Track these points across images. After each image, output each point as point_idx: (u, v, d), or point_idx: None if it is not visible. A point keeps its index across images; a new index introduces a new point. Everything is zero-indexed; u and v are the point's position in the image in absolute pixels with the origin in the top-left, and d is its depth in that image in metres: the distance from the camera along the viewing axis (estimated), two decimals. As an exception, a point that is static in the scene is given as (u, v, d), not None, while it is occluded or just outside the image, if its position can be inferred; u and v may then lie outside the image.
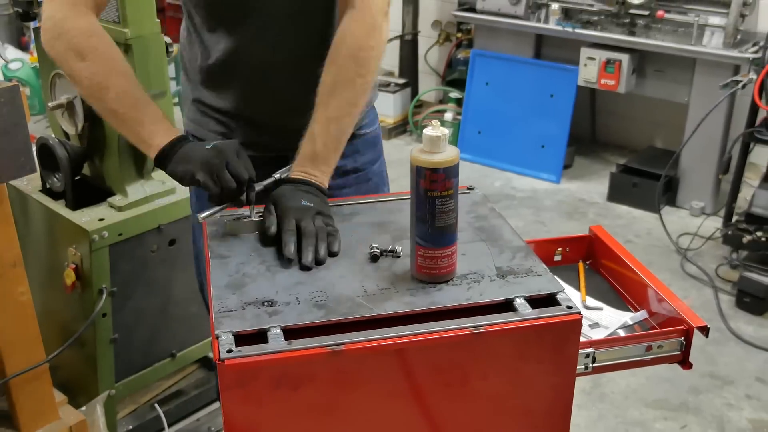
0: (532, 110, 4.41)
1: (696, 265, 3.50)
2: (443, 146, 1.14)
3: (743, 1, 3.64)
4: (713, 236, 3.64)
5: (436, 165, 1.13)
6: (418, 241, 1.18)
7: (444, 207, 1.15)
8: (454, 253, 1.20)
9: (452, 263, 1.20)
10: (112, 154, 2.20)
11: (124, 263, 2.21)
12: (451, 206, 1.16)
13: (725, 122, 3.82)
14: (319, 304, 1.13)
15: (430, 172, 1.13)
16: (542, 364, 1.15)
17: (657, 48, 3.86)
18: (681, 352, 1.28)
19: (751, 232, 3.36)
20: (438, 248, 1.17)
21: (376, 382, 1.10)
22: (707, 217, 3.88)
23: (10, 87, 1.69)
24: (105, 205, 2.22)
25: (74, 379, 2.34)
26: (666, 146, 4.48)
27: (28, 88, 4.77)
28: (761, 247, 3.32)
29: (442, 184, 1.14)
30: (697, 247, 3.61)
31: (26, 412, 1.99)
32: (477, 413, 1.17)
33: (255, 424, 1.08)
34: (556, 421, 1.21)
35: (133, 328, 2.31)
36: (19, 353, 1.92)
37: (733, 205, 3.55)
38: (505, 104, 4.49)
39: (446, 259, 1.18)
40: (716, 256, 3.55)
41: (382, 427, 1.15)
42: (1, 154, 1.69)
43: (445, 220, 1.16)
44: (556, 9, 4.18)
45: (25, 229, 2.33)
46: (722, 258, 3.51)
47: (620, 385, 2.76)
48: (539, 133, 4.41)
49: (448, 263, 1.19)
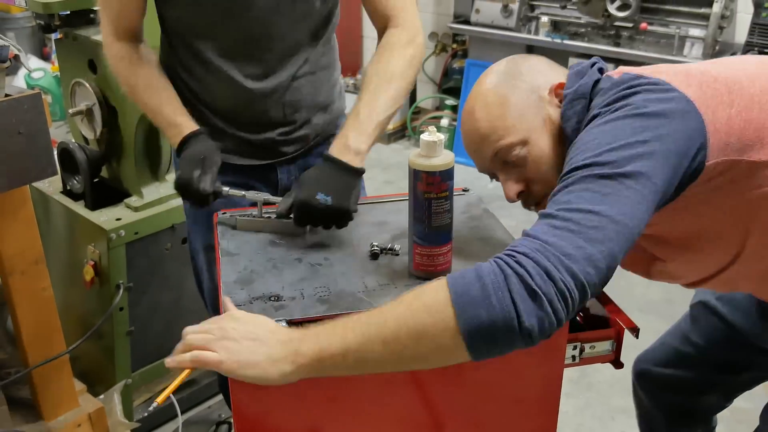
0: (523, 117, 4.40)
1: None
2: (439, 151, 1.14)
3: (721, 14, 3.64)
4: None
5: (433, 168, 1.13)
6: (415, 240, 1.19)
7: (440, 208, 1.16)
8: (450, 251, 1.20)
9: (447, 261, 1.20)
10: (129, 158, 2.20)
11: (139, 260, 2.21)
12: (446, 207, 1.16)
13: (704, 127, 3.82)
14: (322, 299, 1.13)
15: (427, 175, 1.13)
16: (532, 355, 1.14)
17: (640, 58, 3.86)
18: (613, 351, 1.25)
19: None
20: (434, 247, 1.18)
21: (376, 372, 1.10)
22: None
23: (32, 95, 1.69)
24: (122, 206, 2.23)
25: (93, 369, 2.34)
26: (649, 150, 4.47)
27: (50, 96, 4.77)
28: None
29: (438, 187, 1.14)
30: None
31: (48, 400, 1.99)
32: (472, 401, 1.17)
33: (262, 411, 1.08)
34: (546, 408, 1.21)
35: (148, 321, 2.31)
36: (41, 345, 1.92)
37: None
38: (497, 111, 4.48)
39: (442, 257, 1.19)
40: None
41: (380, 415, 1.15)
42: (24, 158, 1.69)
43: (441, 221, 1.17)
44: (546, 21, 4.18)
45: (47, 228, 2.33)
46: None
47: (606, 375, 2.76)
48: (530, 138, 4.40)
49: (444, 261, 1.19)
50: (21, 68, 4.48)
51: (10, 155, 1.66)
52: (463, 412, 1.18)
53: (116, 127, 2.18)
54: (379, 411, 1.14)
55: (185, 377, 1.06)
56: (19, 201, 1.78)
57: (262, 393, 1.05)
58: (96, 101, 2.17)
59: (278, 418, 1.09)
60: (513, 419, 1.21)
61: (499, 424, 1.21)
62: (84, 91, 2.19)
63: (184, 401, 2.46)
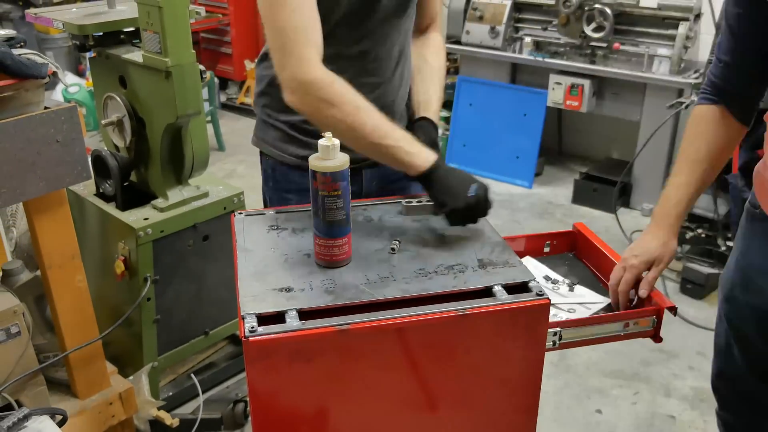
0: (508, 127, 4.40)
1: (646, 257, 3.49)
2: (334, 154, 1.14)
3: (686, 35, 3.63)
4: (661, 233, 3.63)
5: (326, 170, 1.14)
6: (315, 231, 1.19)
7: (332, 204, 1.16)
8: (346, 244, 1.20)
9: (344, 252, 1.20)
10: (155, 164, 2.20)
11: (165, 256, 2.21)
12: (339, 204, 1.16)
13: (671, 137, 3.82)
14: (329, 290, 1.13)
15: (321, 175, 1.14)
16: (517, 340, 1.15)
17: (613, 74, 3.86)
18: (653, 328, 1.29)
19: (693, 229, 3.36)
20: (330, 239, 1.18)
21: (377, 356, 1.10)
22: (656, 217, 3.87)
23: (69, 107, 1.69)
24: (149, 207, 2.22)
25: (123, 353, 2.34)
26: (621, 157, 4.47)
27: (84, 108, 4.77)
28: (701, 242, 3.32)
29: (331, 186, 1.14)
30: (648, 242, 3.60)
31: (82, 381, 1.99)
32: (462, 382, 1.17)
33: (275, 390, 1.08)
34: (529, 388, 1.21)
35: (172, 310, 2.31)
36: (77, 332, 1.92)
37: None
38: (485, 122, 4.48)
39: (338, 249, 1.19)
40: (663, 250, 3.54)
41: (381, 394, 1.15)
42: (61, 164, 1.69)
43: (334, 216, 1.17)
44: (529, 42, 4.17)
45: (82, 226, 2.33)
46: (668, 251, 3.50)
47: (582, 358, 2.76)
48: (514, 146, 4.40)
49: (340, 252, 1.19)
50: (59, 84, 4.47)
51: (49, 161, 1.67)
52: (454, 391, 1.18)
53: (144, 136, 2.18)
54: (379, 391, 1.14)
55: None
56: (56, 202, 1.78)
57: (274, 373, 1.05)
58: (126, 113, 2.17)
59: (289, 395, 1.09)
60: (500, 398, 1.21)
61: (488, 402, 1.21)
62: (115, 104, 2.19)
63: (204, 381, 2.46)
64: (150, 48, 2.00)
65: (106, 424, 2.04)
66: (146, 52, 2.03)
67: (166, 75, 1.99)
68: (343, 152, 1.15)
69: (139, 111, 2.17)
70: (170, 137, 2.16)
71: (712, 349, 1.53)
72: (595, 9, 3.81)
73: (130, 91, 2.17)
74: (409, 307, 1.10)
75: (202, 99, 2.15)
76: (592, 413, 2.49)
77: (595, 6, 3.80)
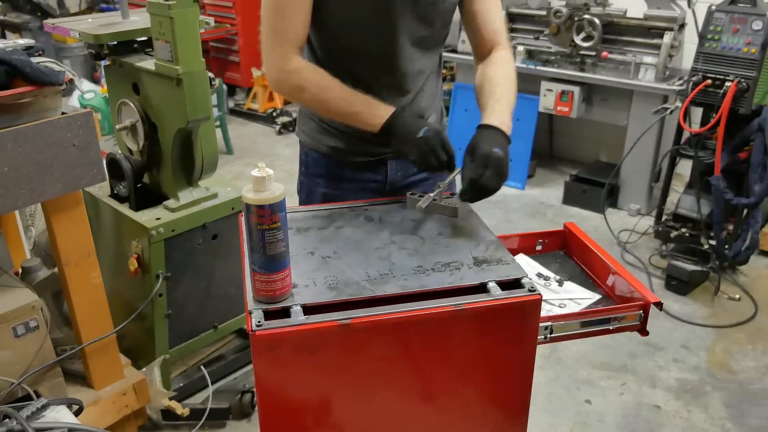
0: (502, 131, 4.40)
1: (633, 255, 3.49)
2: (268, 185, 1.03)
3: (671, 45, 3.63)
4: (647, 232, 3.63)
5: (262, 202, 1.02)
6: (253, 267, 1.07)
7: (273, 238, 1.04)
8: (287, 276, 1.09)
9: (286, 285, 1.09)
10: (167, 167, 2.20)
11: (176, 253, 2.21)
12: (279, 237, 1.05)
13: (656, 141, 3.82)
14: (332, 286, 1.13)
15: (258, 208, 1.02)
16: (510, 334, 1.15)
17: (602, 81, 3.86)
18: (640, 322, 1.28)
19: (677, 229, 3.36)
20: (271, 273, 1.07)
21: (377, 348, 1.10)
22: (642, 217, 3.88)
23: (84, 113, 1.70)
24: (161, 207, 2.23)
25: (136, 346, 2.34)
26: (609, 160, 4.47)
27: (100, 114, 4.77)
28: (685, 240, 3.32)
29: (270, 219, 1.03)
30: (634, 240, 3.61)
31: (98, 372, 2.00)
32: (458, 373, 1.17)
33: (280, 381, 1.08)
34: (521, 379, 1.21)
35: (183, 305, 2.31)
36: (92, 326, 1.92)
37: (663, 207, 3.54)
38: (480, 127, 4.48)
39: (279, 282, 1.08)
40: (649, 248, 3.55)
41: (381, 384, 1.15)
42: (77, 166, 1.69)
43: (275, 249, 1.05)
44: (522, 50, 4.17)
45: (97, 226, 2.33)
46: (654, 249, 3.51)
47: (572, 351, 2.76)
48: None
49: (282, 285, 1.08)
50: (75, 90, 4.47)
51: (66, 164, 1.67)
52: (450, 382, 1.17)
53: (156, 140, 2.18)
54: (379, 383, 1.14)
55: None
56: (73, 203, 1.78)
57: (280, 365, 1.05)
58: (139, 118, 2.17)
59: (294, 386, 1.09)
60: (494, 388, 1.21)
61: (482, 392, 1.21)
62: (129, 109, 2.19)
63: (214, 373, 2.46)
64: (162, 56, 2.00)
65: (120, 413, 2.04)
66: (158, 61, 2.03)
67: (177, 82, 2.00)
68: (278, 183, 1.07)
69: (151, 116, 2.17)
70: (181, 141, 2.16)
71: (695, 342, 1.53)
72: (584, 19, 3.81)
73: (142, 97, 2.17)
74: (407, 303, 1.10)
75: (212, 105, 2.15)
76: (582, 403, 2.49)
77: (584, 17, 3.80)
